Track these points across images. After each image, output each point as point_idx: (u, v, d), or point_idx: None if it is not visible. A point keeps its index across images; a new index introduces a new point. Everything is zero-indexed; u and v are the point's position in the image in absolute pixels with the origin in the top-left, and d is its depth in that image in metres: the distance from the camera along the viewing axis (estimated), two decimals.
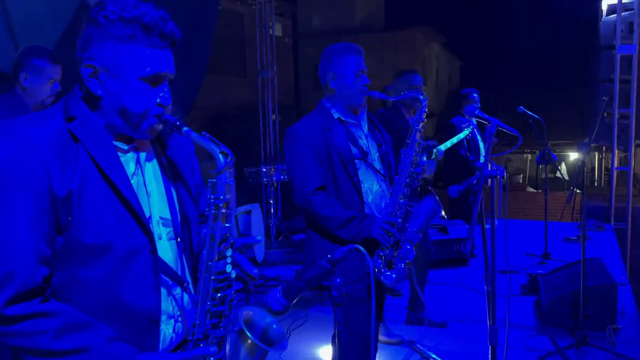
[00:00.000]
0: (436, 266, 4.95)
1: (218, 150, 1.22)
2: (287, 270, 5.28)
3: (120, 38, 1.18)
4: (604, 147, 13.38)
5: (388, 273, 2.33)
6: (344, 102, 2.37)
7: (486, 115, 2.37)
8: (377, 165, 2.41)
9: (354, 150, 2.34)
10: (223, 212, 1.22)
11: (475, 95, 5.24)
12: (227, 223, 1.24)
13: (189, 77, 8.94)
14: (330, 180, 2.32)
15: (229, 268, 1.25)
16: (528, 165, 17.84)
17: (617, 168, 7.58)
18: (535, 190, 14.70)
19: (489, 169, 2.03)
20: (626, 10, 7.30)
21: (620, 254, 5.89)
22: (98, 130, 1.23)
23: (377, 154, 2.43)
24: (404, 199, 2.33)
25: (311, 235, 2.41)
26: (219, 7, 14.76)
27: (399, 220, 2.32)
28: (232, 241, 1.26)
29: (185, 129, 1.22)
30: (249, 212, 4.64)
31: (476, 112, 2.40)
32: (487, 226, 2.15)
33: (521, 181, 16.56)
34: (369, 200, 2.38)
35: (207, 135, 1.23)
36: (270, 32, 8.43)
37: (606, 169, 16.27)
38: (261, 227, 4.84)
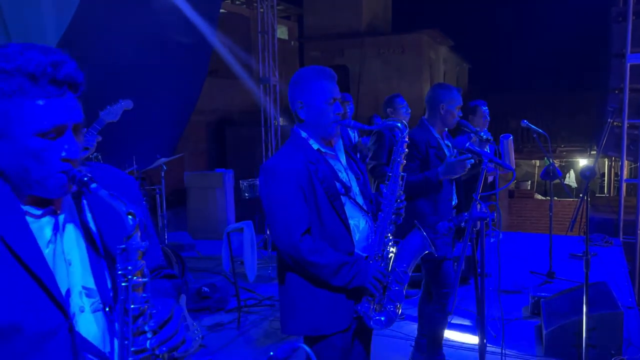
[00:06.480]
0: None
1: (125, 211, 1.06)
2: None
3: (6, 93, 1.04)
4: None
5: (377, 317, 2.14)
6: (315, 133, 2.15)
7: (477, 149, 2.18)
8: (360, 200, 2.20)
9: (337, 185, 2.12)
10: (136, 283, 1.08)
11: (485, 108, 4.79)
12: (143, 293, 1.10)
13: (189, 84, 8.85)
14: (315, 219, 2.07)
15: (149, 344, 1.11)
16: (536, 171, 17.55)
17: (626, 180, 7.36)
18: (543, 198, 14.46)
19: (478, 210, 1.85)
20: (637, 16, 7.05)
21: (628, 273, 5.68)
22: (3, 197, 1.10)
23: (358, 187, 2.22)
24: (389, 237, 2.16)
25: (289, 278, 2.15)
26: (224, 10, 14.65)
27: (388, 262, 2.14)
28: (150, 313, 1.12)
29: (93, 186, 1.06)
30: (240, 230, 4.50)
31: (467, 144, 2.19)
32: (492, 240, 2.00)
33: (529, 187, 16.29)
34: (356, 238, 2.16)
35: (115, 194, 1.08)
36: (273, 39, 8.31)
37: (616, 174, 15.96)
38: (253, 246, 4.70)
